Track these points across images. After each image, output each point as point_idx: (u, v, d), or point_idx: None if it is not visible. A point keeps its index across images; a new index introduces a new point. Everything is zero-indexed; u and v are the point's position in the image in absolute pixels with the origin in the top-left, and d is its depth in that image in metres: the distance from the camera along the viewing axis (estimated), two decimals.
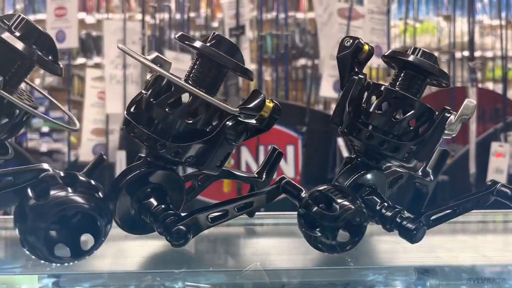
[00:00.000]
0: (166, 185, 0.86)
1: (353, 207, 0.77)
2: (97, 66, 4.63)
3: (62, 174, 0.76)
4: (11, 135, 0.87)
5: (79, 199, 0.72)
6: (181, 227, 0.79)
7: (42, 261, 0.75)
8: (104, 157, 0.98)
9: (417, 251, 0.86)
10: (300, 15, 5.68)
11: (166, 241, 0.79)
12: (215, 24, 5.19)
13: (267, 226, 1.17)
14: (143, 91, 0.86)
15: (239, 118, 0.82)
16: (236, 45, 0.86)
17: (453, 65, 5.24)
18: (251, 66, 3.96)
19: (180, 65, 3.43)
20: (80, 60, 5.98)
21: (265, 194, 0.86)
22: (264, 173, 1.01)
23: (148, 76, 0.88)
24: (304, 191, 0.83)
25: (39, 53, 0.82)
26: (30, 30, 0.82)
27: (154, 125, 0.81)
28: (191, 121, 0.81)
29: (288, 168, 3.65)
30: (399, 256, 0.91)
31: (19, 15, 0.83)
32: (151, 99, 0.82)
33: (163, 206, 0.82)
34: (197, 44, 0.82)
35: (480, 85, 5.41)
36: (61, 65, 0.87)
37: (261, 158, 3.65)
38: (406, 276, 0.82)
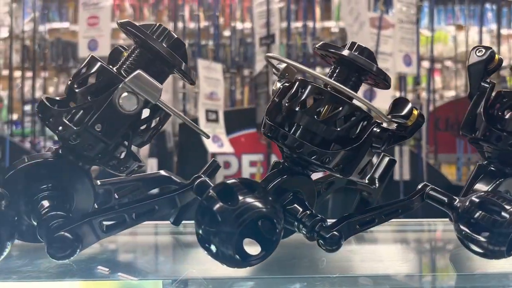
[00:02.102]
0: (303, 190, 0.88)
1: None
2: None
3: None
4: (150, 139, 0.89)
5: (261, 205, 0.73)
6: (335, 232, 0.80)
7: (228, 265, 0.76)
8: (218, 163, 1.00)
9: None
10: (310, 24, 5.72)
11: (319, 246, 0.81)
12: (226, 32, 5.23)
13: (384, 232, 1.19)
14: (275, 99, 0.88)
15: (382, 125, 0.84)
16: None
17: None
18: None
19: (212, 74, 3.46)
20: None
21: (411, 201, 0.87)
22: (377, 180, 1.03)
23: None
24: (457, 199, 0.84)
25: (183, 61, 0.84)
26: (173, 40, 0.85)
27: (302, 133, 0.83)
28: (338, 129, 0.83)
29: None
30: None
31: (160, 25, 0.86)
32: (297, 107, 0.84)
33: (308, 212, 0.84)
34: (345, 52, 0.85)
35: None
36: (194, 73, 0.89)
37: None
38: None
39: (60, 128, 0.80)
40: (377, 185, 0.96)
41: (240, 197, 0.72)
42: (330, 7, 5.57)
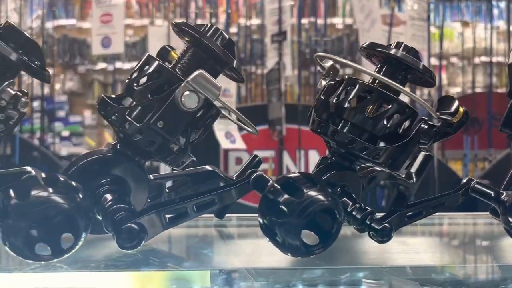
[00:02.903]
0: (350, 185, 0.92)
1: None
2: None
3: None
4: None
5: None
6: (386, 225, 0.84)
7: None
8: (260, 158, 1.04)
9: None
10: (318, 21, 5.75)
11: (370, 237, 0.85)
12: (233, 29, 5.25)
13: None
14: (322, 96, 0.92)
15: (429, 122, 0.88)
16: None
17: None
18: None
19: None
20: (101, 65, 6.02)
21: (457, 195, 0.91)
22: (414, 175, 1.06)
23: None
24: (504, 193, 0.88)
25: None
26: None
27: (352, 129, 0.87)
28: (388, 125, 0.86)
29: None
30: None
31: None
32: (346, 104, 0.87)
33: (357, 205, 0.88)
34: (394, 51, 0.88)
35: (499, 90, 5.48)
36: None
37: (302, 162, 3.70)
38: None
39: (123, 124, 0.83)
40: (414, 179, 0.99)
41: (305, 190, 0.75)
42: (335, 3, 5.61)
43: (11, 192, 0.72)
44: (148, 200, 0.93)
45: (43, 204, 0.72)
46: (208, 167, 1.05)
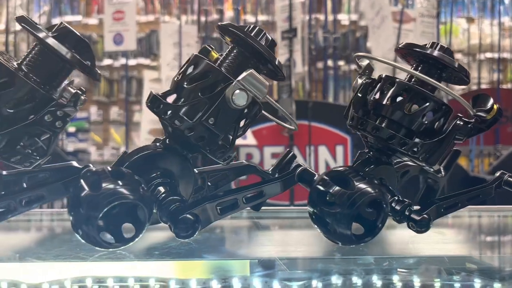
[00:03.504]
0: (387, 178, 0.96)
1: None
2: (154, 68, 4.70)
3: (109, 168, 0.82)
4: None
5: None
6: (425, 216, 0.89)
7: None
8: (294, 153, 1.08)
9: None
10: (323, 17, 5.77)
11: (409, 228, 0.89)
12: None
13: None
14: (359, 94, 0.96)
15: (464, 119, 0.92)
16: None
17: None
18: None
19: None
20: (107, 62, 6.05)
21: (490, 188, 0.95)
22: (442, 169, 1.11)
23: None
24: None
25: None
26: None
27: (390, 125, 0.91)
28: (426, 122, 0.90)
29: None
30: None
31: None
32: (385, 101, 0.91)
33: (396, 197, 0.92)
34: (430, 51, 0.92)
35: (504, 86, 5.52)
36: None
37: (312, 158, 3.74)
38: None
39: (176, 121, 0.87)
40: (442, 174, 1.04)
41: (356, 183, 0.80)
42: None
43: (83, 184, 0.77)
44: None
45: (113, 195, 0.76)
46: (245, 162, 1.10)
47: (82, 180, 0.77)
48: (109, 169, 0.80)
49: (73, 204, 0.77)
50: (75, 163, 1.01)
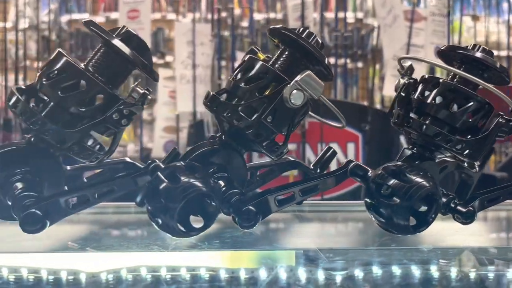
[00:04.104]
0: (430, 172, 1.01)
1: None
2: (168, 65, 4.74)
3: (182, 163, 0.88)
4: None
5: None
6: (470, 208, 0.94)
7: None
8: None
9: None
10: (329, 15, 5.81)
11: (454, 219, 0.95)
12: (244, 23, 5.32)
13: None
14: (402, 93, 1.01)
15: (506, 116, 0.97)
16: None
17: None
18: None
19: None
20: None
21: None
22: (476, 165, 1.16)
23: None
24: None
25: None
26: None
27: (434, 122, 0.96)
28: (470, 120, 0.96)
29: None
30: None
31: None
32: (429, 100, 0.97)
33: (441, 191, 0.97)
34: (473, 53, 0.97)
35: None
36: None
37: None
38: None
39: (235, 119, 0.92)
40: (477, 169, 1.09)
41: (413, 177, 0.86)
42: None
43: (162, 177, 0.82)
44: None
45: (191, 188, 0.82)
46: (290, 158, 1.15)
47: (159, 174, 0.83)
48: (182, 163, 0.85)
49: (151, 196, 0.82)
50: (128, 159, 1.06)
